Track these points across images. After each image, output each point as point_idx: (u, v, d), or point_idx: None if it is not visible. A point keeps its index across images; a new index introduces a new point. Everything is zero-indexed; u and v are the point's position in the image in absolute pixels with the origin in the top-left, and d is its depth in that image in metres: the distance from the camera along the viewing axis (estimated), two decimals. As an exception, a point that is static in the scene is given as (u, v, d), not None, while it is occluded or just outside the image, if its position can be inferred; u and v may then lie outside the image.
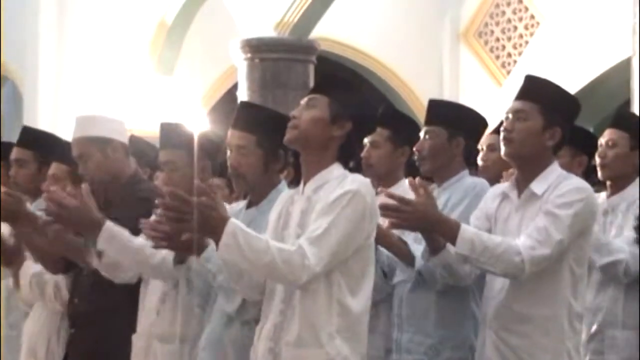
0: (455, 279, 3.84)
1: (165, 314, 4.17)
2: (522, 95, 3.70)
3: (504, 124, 3.68)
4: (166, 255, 3.88)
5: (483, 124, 4.34)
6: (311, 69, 10.94)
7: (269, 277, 3.30)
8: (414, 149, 4.25)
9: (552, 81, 3.76)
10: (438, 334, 4.04)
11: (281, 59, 10.84)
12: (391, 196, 3.49)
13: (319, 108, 3.38)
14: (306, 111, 3.39)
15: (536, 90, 3.69)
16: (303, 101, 3.45)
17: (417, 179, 3.66)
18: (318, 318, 3.25)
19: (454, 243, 3.48)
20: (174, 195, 3.11)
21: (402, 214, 3.48)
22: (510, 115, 3.67)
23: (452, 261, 3.69)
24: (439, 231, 3.54)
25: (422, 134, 4.25)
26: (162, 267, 3.96)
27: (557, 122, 3.65)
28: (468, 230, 3.49)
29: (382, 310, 4.18)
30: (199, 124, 9.46)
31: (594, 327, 4.58)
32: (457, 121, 4.23)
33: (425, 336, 4.05)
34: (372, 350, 3.69)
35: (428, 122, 4.27)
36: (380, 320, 4.21)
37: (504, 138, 3.65)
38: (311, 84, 10.47)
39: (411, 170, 4.61)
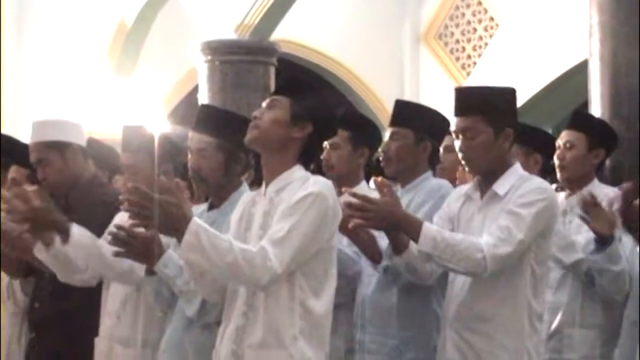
0: (418, 278, 3.85)
1: (126, 317, 4.15)
2: (462, 111, 3.70)
3: (459, 145, 3.68)
4: (135, 263, 3.87)
5: (447, 126, 4.36)
6: (272, 71, 10.91)
7: (230, 278, 3.28)
8: (380, 149, 4.26)
9: (485, 86, 3.80)
10: (401, 335, 4.05)
11: (242, 61, 10.79)
12: (355, 195, 3.50)
13: (280, 109, 3.38)
14: (267, 112, 3.39)
15: (476, 103, 3.69)
16: (265, 102, 3.45)
17: (381, 179, 3.68)
18: (281, 320, 3.25)
19: (416, 240, 3.49)
20: (135, 190, 3.10)
21: (367, 213, 3.49)
22: (460, 136, 3.69)
23: (415, 261, 3.72)
24: (403, 229, 3.55)
25: (387, 135, 4.27)
26: (131, 275, 3.96)
27: (506, 124, 3.67)
28: (431, 228, 3.51)
29: (343, 311, 4.19)
30: (159, 126, 9.42)
31: (553, 326, 4.60)
32: (423, 124, 4.25)
33: (388, 337, 4.06)
34: (332, 351, 3.68)
35: (394, 123, 4.28)
36: (342, 321, 4.21)
37: (463, 158, 3.68)
38: (272, 86, 10.50)
39: (368, 172, 4.64)
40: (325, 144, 4.38)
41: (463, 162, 3.70)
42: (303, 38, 13.33)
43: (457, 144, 3.69)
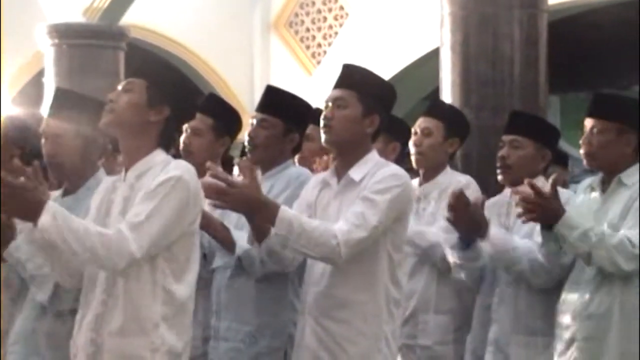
0: (280, 266, 3.85)
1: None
2: (341, 83, 3.74)
3: (324, 112, 3.70)
4: None
5: (312, 115, 4.36)
6: (121, 56, 10.75)
7: (88, 262, 3.23)
8: (247, 134, 4.22)
9: (369, 69, 3.81)
10: (256, 322, 4.04)
11: (90, 45, 10.61)
12: (217, 177, 3.47)
13: (135, 92, 3.34)
14: (123, 95, 3.35)
15: (354, 78, 3.74)
16: (120, 85, 3.40)
17: (245, 160, 3.66)
18: (142, 306, 3.21)
19: (273, 224, 3.49)
20: None
21: (227, 196, 3.46)
22: (329, 103, 3.70)
23: (276, 248, 3.71)
24: (260, 212, 3.53)
25: (254, 121, 4.23)
26: None
27: (375, 110, 3.70)
28: (288, 212, 3.51)
29: (199, 298, 4.16)
30: (3, 110, 9.17)
31: (408, 312, 4.66)
32: (292, 113, 4.23)
33: (243, 324, 4.05)
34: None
35: (264, 110, 4.26)
36: (198, 308, 4.17)
37: (325, 126, 3.68)
38: (121, 71, 10.35)
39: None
40: (186, 127, 4.34)
41: (324, 131, 3.69)
42: (153, 24, 13.19)
43: (324, 113, 3.69)
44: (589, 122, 4.12)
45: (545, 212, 3.92)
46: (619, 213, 3.97)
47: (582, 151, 4.12)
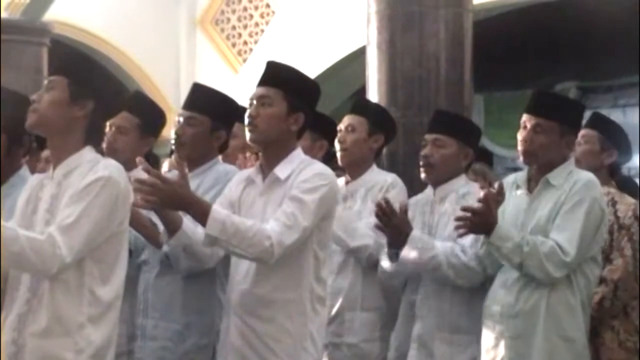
0: (197, 261, 3.83)
1: None
2: (266, 81, 3.73)
3: (249, 110, 3.69)
4: None
5: (239, 113, 4.34)
6: (44, 52, 10.62)
7: (17, 267, 3.17)
8: (174, 132, 4.19)
9: (293, 67, 3.81)
10: (184, 320, 4.02)
11: (12, 40, 10.42)
12: (149, 172, 3.43)
13: (57, 89, 3.30)
14: (45, 94, 3.31)
15: (279, 76, 3.73)
16: (43, 85, 3.36)
17: (175, 156, 3.63)
18: (67, 307, 3.17)
19: (204, 224, 3.46)
20: None
21: (157, 192, 3.42)
22: (254, 101, 3.69)
23: (190, 242, 3.69)
24: (192, 211, 3.50)
25: (180, 119, 4.20)
26: None
27: (300, 107, 3.70)
28: (220, 212, 3.48)
29: (125, 295, 4.11)
30: None
31: (334, 310, 4.67)
32: (220, 111, 4.21)
33: (171, 322, 4.03)
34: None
35: (190, 107, 4.22)
36: (124, 306, 4.12)
37: (249, 124, 3.67)
38: (44, 67, 10.21)
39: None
40: (111, 123, 4.29)
41: (249, 129, 3.68)
42: (77, 19, 13.04)
43: (249, 111, 3.68)
44: (530, 120, 4.09)
45: (477, 226, 3.96)
46: (546, 215, 4.00)
47: (520, 148, 4.11)
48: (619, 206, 4.52)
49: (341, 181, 4.73)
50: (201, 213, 3.46)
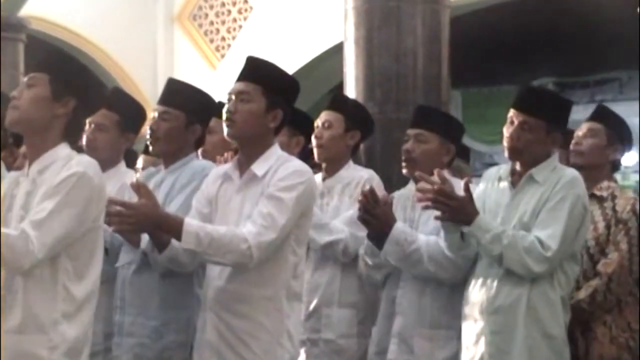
0: (178, 267, 3.83)
1: None
2: (245, 76, 3.72)
3: (227, 105, 3.68)
4: None
5: (215, 108, 4.33)
6: (21, 47, 10.61)
7: None
8: (149, 127, 4.18)
9: (273, 63, 3.80)
10: (162, 317, 4.01)
11: (-12, 36, 10.44)
12: (114, 201, 3.46)
13: (39, 86, 3.28)
14: (26, 91, 3.29)
15: (259, 72, 3.73)
16: (23, 81, 3.34)
17: (134, 182, 3.63)
18: (42, 304, 3.16)
19: (179, 239, 3.46)
20: None
21: (129, 218, 3.44)
22: (233, 97, 3.68)
23: (178, 257, 3.70)
24: (164, 229, 3.52)
25: (155, 114, 4.19)
26: None
27: (279, 104, 3.70)
28: (192, 224, 3.49)
29: (102, 292, 4.10)
30: None
31: (312, 306, 4.67)
32: (195, 106, 4.20)
33: (149, 318, 4.01)
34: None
35: (165, 102, 4.21)
36: (100, 303, 4.11)
37: (227, 119, 3.66)
38: (21, 63, 10.18)
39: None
40: (90, 121, 4.27)
41: (227, 124, 3.67)
42: (54, 15, 13.00)
43: (228, 106, 3.68)
44: (517, 116, 4.07)
45: (458, 214, 3.95)
46: (530, 210, 4.00)
47: (506, 145, 4.09)
48: (618, 200, 4.52)
49: (318, 177, 4.72)
50: (174, 229, 3.47)
